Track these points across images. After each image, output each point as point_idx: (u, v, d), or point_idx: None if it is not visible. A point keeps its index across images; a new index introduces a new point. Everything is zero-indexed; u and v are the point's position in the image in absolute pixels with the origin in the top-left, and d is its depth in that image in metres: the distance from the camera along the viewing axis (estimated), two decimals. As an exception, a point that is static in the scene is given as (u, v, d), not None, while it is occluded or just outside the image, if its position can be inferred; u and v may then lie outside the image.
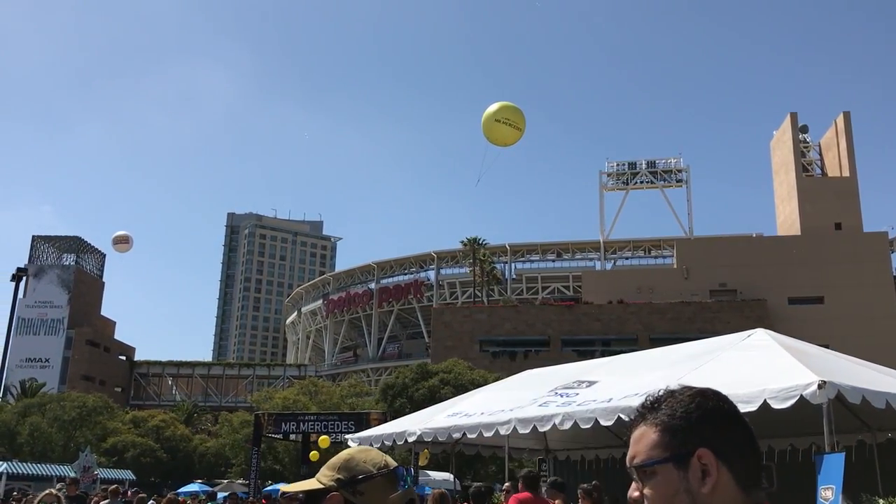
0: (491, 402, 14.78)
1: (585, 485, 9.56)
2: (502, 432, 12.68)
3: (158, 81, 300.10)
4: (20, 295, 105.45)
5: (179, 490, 37.22)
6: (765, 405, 8.56)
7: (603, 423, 10.69)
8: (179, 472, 51.48)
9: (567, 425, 11.32)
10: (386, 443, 15.39)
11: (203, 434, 60.38)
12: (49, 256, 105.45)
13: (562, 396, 12.72)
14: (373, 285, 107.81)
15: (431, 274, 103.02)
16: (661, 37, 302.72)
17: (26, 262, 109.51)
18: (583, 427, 11.15)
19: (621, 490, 2.60)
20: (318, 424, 31.65)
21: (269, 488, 31.65)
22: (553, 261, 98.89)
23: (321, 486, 2.02)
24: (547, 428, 11.82)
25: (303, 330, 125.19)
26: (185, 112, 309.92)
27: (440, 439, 15.14)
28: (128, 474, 44.45)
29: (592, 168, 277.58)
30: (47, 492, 7.12)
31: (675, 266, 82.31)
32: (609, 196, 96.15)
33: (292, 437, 35.33)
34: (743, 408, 8.64)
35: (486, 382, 47.74)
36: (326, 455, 44.25)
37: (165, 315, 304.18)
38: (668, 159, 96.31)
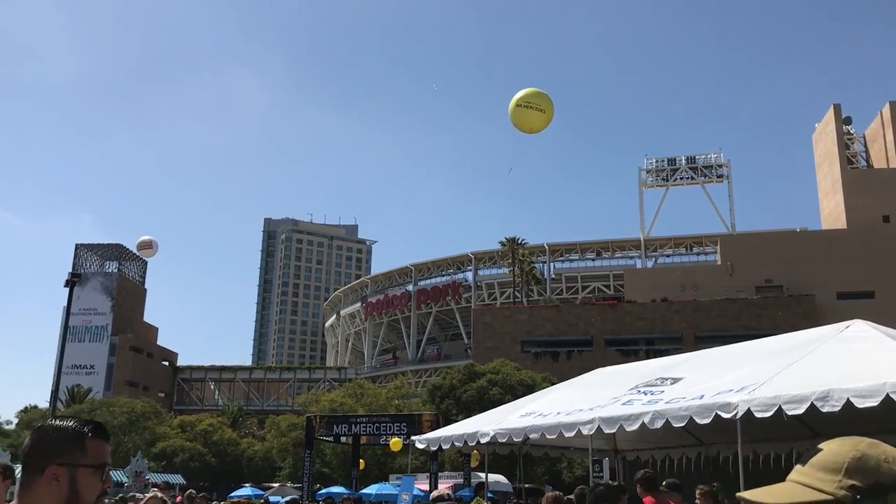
0: (565, 402, 14.35)
1: (705, 486, 9.10)
2: (585, 432, 12.27)
3: (194, 89, 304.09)
4: (65, 302, 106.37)
5: (231, 494, 37.26)
6: (887, 399, 8.06)
7: (699, 421, 10.25)
8: (228, 476, 51.62)
9: (658, 424, 10.87)
10: (456, 444, 15.04)
11: (250, 438, 60.59)
12: (92, 264, 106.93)
13: (646, 394, 12.27)
14: (411, 287, 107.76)
15: (469, 275, 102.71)
16: (698, 30, 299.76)
17: (70, 270, 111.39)
18: (675, 426, 10.71)
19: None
20: (369, 427, 31.45)
21: (323, 491, 31.39)
22: (593, 260, 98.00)
23: (826, 498, 1.41)
24: (635, 427, 11.38)
25: (342, 333, 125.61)
26: (220, 119, 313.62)
27: (515, 439, 14.75)
28: (178, 478, 44.70)
29: (630, 165, 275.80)
30: (152, 495, 6.90)
31: (718, 262, 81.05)
32: (649, 193, 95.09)
33: (343, 439, 35.26)
34: (862, 402, 8.15)
35: (533, 383, 47.32)
36: (372, 459, 43.86)
37: (205, 320, 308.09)
38: (709, 155, 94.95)
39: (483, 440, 14.66)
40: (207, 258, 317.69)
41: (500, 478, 36.39)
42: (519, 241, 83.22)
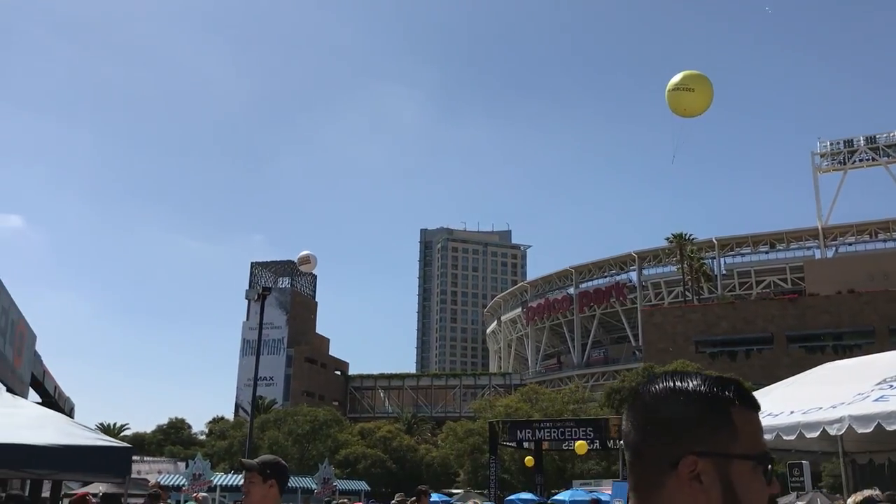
0: (796, 401, 13.26)
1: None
2: (833, 432, 11.21)
3: (350, 109, 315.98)
4: (243, 318, 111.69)
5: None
6: None
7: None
8: (408, 483, 52.40)
9: (928, 422, 9.72)
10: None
11: (426, 444, 61.46)
12: (266, 280, 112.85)
13: (901, 389, 11.08)
14: (572, 290, 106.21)
15: (633, 275, 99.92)
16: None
17: (247, 287, 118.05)
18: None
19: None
20: (553, 431, 30.98)
21: (513, 497, 31.10)
22: (766, 252, 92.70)
23: None
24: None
25: (504, 339, 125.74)
26: (376, 136, 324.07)
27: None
28: (362, 485, 45.77)
29: (801, 150, 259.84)
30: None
31: (910, 248, 74.62)
32: (824, 178, 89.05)
33: (525, 444, 34.95)
34: None
35: (719, 383, 44.90)
36: (550, 465, 43.15)
37: (370, 330, 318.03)
38: (891, 133, 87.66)
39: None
40: (369, 270, 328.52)
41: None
42: (687, 237, 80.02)
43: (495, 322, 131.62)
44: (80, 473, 7.06)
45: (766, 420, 13.07)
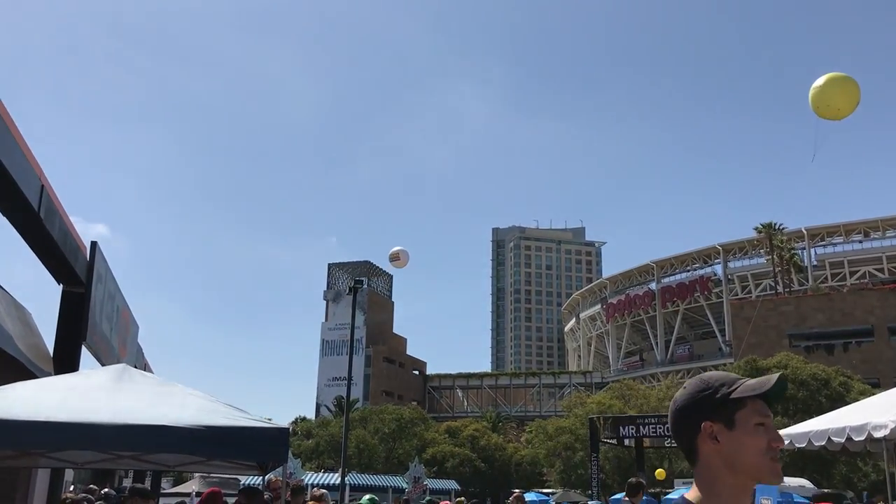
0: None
1: None
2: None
3: (421, 110, 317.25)
4: (322, 319, 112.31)
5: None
6: None
7: None
8: (498, 482, 51.49)
9: None
10: (835, 438, 12.79)
11: (515, 443, 60.21)
12: (343, 282, 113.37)
13: None
14: (653, 286, 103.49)
15: (718, 268, 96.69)
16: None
17: (325, 288, 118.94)
18: None
19: None
20: (659, 427, 29.39)
21: (616, 496, 29.69)
22: (860, 242, 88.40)
23: None
24: None
25: (583, 336, 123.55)
26: (446, 136, 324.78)
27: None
28: (452, 484, 44.98)
29: (889, 132, 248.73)
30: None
31: None
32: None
33: (626, 441, 33.43)
34: None
35: (827, 377, 42.72)
36: (646, 463, 41.58)
37: (444, 330, 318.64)
38: None
39: (878, 434, 12.34)
40: (442, 270, 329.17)
41: (804, 482, 32.73)
42: (776, 227, 76.76)
43: (573, 320, 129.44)
44: (235, 459, 6.17)
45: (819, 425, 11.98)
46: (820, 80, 14.15)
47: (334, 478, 40.66)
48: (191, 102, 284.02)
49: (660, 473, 31.79)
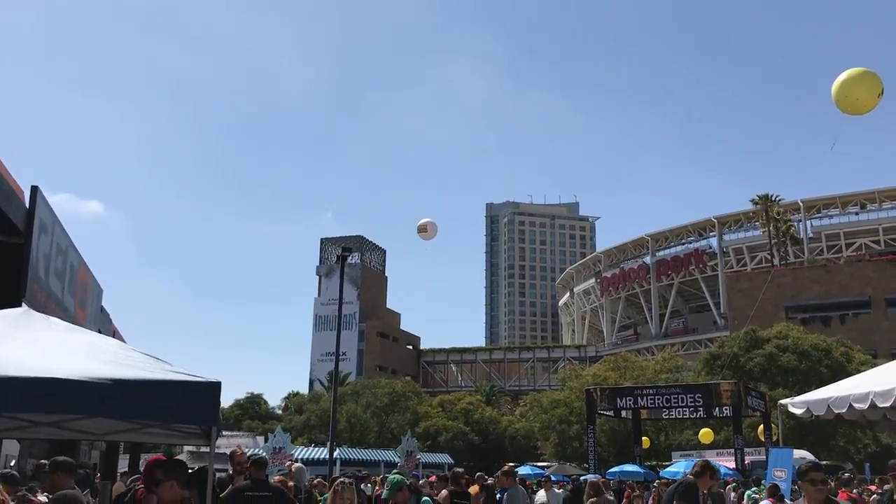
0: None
1: None
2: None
3: (417, 85, 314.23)
4: (315, 294, 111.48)
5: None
6: None
7: None
8: (491, 455, 50.71)
9: None
10: (856, 405, 11.82)
11: (509, 416, 59.46)
12: (336, 256, 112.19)
13: None
14: (648, 259, 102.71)
15: (713, 241, 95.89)
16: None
17: (318, 263, 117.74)
18: None
19: None
20: (658, 399, 28.62)
21: (613, 470, 28.92)
22: (857, 213, 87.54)
23: None
24: None
25: (577, 310, 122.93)
26: (442, 111, 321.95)
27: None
28: (445, 458, 44.28)
29: (887, 103, 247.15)
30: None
31: None
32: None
33: (623, 413, 32.71)
34: None
35: (829, 347, 41.97)
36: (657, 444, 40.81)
37: (438, 305, 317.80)
38: None
39: (882, 403, 11.38)
40: (437, 245, 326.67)
41: (805, 454, 32.00)
42: (773, 198, 75.76)
43: (568, 294, 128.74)
44: (150, 419, 4.91)
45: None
46: (842, 76, 13.16)
47: (324, 452, 39.90)
48: (184, 79, 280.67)
49: (645, 442, 31.31)
